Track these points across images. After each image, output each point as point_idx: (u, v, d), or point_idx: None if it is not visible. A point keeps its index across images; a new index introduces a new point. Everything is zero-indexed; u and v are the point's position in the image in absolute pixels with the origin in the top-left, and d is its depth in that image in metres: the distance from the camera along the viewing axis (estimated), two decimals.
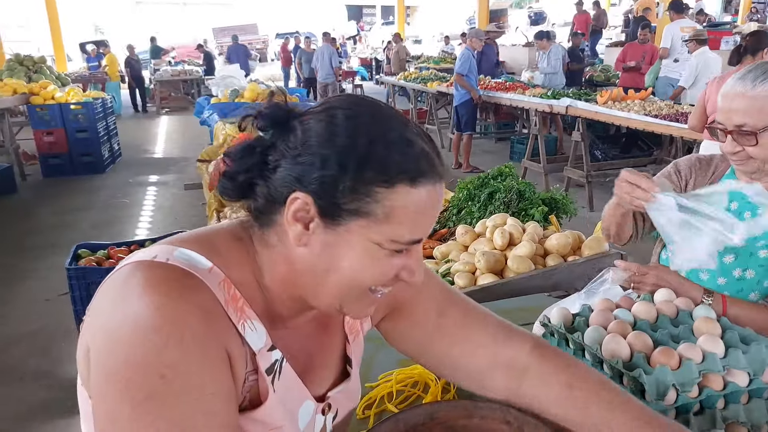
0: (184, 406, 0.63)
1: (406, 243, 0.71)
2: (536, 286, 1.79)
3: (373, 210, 0.68)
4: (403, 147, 0.69)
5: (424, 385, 1.29)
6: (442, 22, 26.83)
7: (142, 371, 0.62)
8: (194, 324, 0.65)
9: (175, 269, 0.68)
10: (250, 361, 0.74)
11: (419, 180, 0.69)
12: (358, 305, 0.77)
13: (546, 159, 6.33)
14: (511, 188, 2.42)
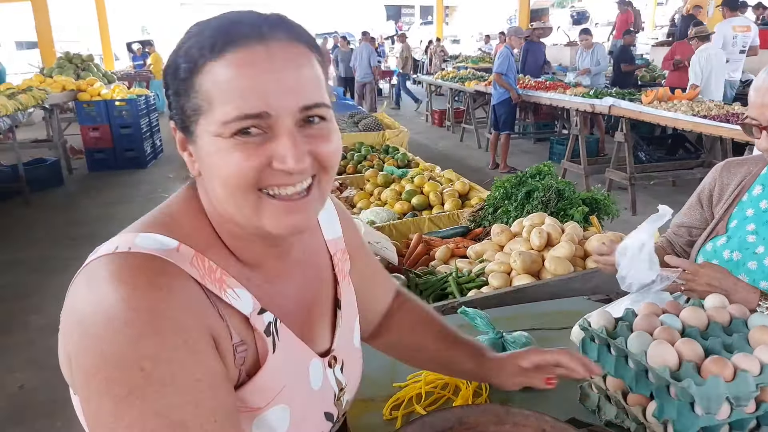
0: (169, 397, 0.60)
1: (235, 120, 0.64)
2: (575, 289, 1.71)
3: (198, 104, 0.66)
4: (204, 29, 0.67)
5: (455, 388, 1.23)
6: (481, 22, 26.56)
7: (120, 366, 0.59)
8: (168, 310, 0.62)
9: (139, 256, 0.64)
10: (240, 330, 0.70)
11: (220, 50, 0.64)
12: (268, 213, 0.68)
13: (587, 160, 6.15)
14: (550, 187, 2.33)
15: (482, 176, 6.86)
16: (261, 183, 0.67)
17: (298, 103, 0.66)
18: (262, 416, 0.72)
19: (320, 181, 0.71)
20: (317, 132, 0.69)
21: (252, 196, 0.67)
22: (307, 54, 0.68)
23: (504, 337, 1.29)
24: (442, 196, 3.11)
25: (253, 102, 0.64)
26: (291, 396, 0.75)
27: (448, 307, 1.64)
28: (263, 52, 0.65)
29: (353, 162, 4.29)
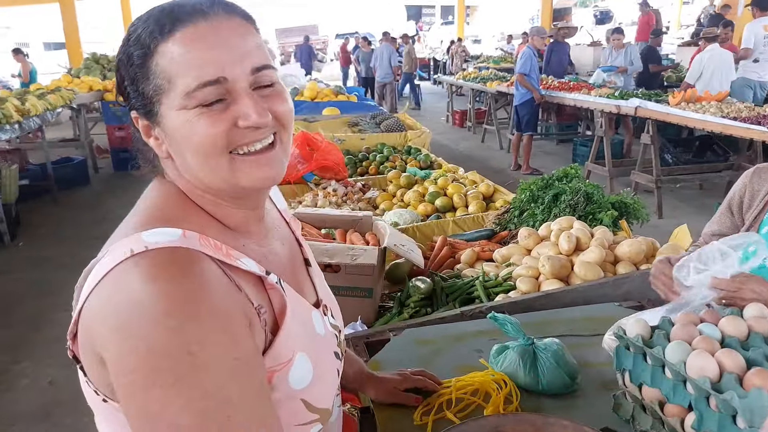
0: (216, 378, 0.63)
1: (197, 88, 0.70)
2: (605, 295, 1.68)
3: (158, 84, 0.71)
4: (146, 18, 0.73)
5: (485, 394, 1.22)
6: (503, 22, 26.38)
7: (167, 356, 0.62)
8: (203, 296, 0.65)
9: (160, 252, 0.67)
10: (255, 294, 0.74)
11: (168, 31, 0.70)
12: (242, 171, 0.75)
13: (612, 162, 6.07)
14: (578, 190, 2.30)
15: (504, 177, 6.81)
16: (231, 145, 0.73)
17: (250, 65, 0.73)
18: (293, 369, 0.77)
19: (281, 137, 0.78)
20: (271, 93, 0.76)
21: (224, 159, 0.73)
22: (245, 24, 0.75)
23: (535, 344, 1.27)
24: (466, 198, 3.09)
25: (209, 70, 0.70)
26: (305, 344, 0.80)
27: (476, 311, 1.63)
28: (208, 26, 0.71)
29: (375, 163, 4.28)
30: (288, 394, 0.77)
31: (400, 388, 1.19)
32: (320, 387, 0.81)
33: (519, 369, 1.24)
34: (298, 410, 0.78)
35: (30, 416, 2.81)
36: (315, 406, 0.80)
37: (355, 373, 1.19)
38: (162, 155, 0.77)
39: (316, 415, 0.81)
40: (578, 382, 1.25)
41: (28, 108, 5.98)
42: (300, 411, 0.78)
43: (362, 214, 2.27)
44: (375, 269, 1.82)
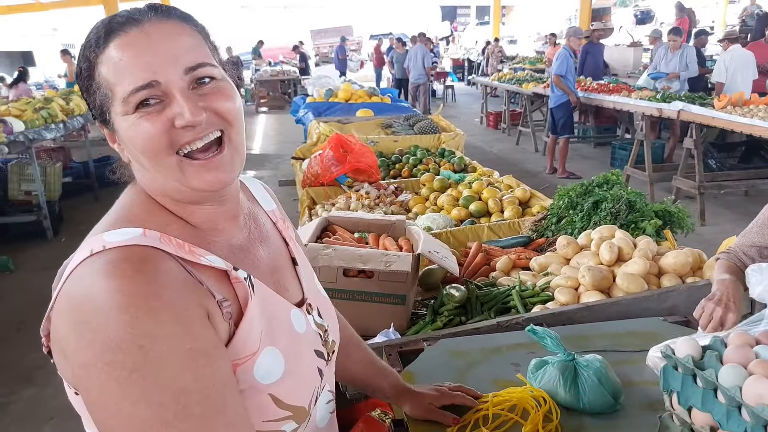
0: (170, 369, 0.65)
1: (132, 93, 0.72)
2: (649, 309, 1.61)
3: (104, 93, 0.75)
4: (89, 33, 0.76)
5: (523, 411, 1.18)
6: (539, 22, 26.01)
7: (120, 349, 0.64)
8: (155, 291, 0.67)
9: (116, 250, 0.69)
10: (219, 288, 0.75)
11: (102, 43, 0.74)
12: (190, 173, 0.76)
13: (652, 167, 5.89)
14: (620, 198, 2.22)
15: (539, 181, 6.70)
16: (174, 145, 0.75)
17: (182, 65, 0.74)
18: (259, 361, 0.77)
19: (229, 135, 0.79)
20: (210, 90, 0.77)
21: (172, 160, 0.75)
22: (180, 25, 0.77)
23: (576, 360, 1.22)
24: (501, 203, 3.04)
25: (141, 75, 0.72)
26: (276, 339, 0.80)
27: (512, 323, 1.58)
28: (139, 32, 0.74)
29: (409, 165, 4.26)
30: (253, 388, 0.77)
31: (437, 405, 1.16)
32: (293, 383, 0.81)
33: (559, 386, 1.19)
34: (265, 405, 0.78)
35: (67, 411, 2.86)
36: (285, 402, 0.80)
37: (391, 386, 1.18)
38: (125, 160, 0.81)
39: (288, 412, 0.80)
40: (621, 401, 1.20)
41: (72, 107, 6.16)
42: (268, 406, 0.78)
43: (395, 218, 2.24)
44: (409, 276, 1.79)
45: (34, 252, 5.14)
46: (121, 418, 0.64)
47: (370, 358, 1.20)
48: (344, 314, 1.83)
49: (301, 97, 7.73)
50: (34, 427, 2.77)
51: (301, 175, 4.05)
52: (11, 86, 10.23)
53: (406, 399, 1.17)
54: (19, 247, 5.18)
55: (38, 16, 19.72)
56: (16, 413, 2.87)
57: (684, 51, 7.33)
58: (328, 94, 6.99)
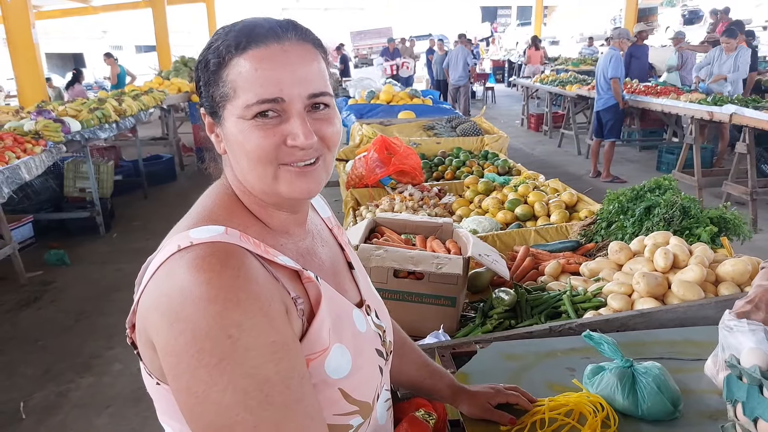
0: (255, 359, 0.69)
1: (257, 103, 0.77)
2: (706, 317, 1.59)
3: (225, 92, 0.79)
4: (227, 31, 0.80)
5: (579, 416, 1.19)
6: (582, 22, 25.54)
7: (210, 338, 0.67)
8: (243, 284, 0.71)
9: (204, 246, 0.74)
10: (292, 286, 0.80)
11: (244, 47, 0.78)
12: (284, 180, 0.81)
13: (701, 171, 5.74)
14: (674, 203, 2.19)
15: (582, 185, 6.60)
16: (278, 159, 0.80)
17: (306, 90, 0.79)
18: (330, 357, 0.81)
19: (324, 158, 0.84)
20: (322, 116, 0.82)
21: (271, 168, 0.80)
22: (313, 51, 0.82)
23: (634, 366, 1.22)
24: (548, 206, 3.02)
25: (270, 89, 0.77)
26: (343, 337, 0.84)
27: (565, 327, 1.58)
28: (279, 49, 0.78)
29: (452, 168, 4.26)
30: (325, 382, 0.80)
31: (493, 403, 1.17)
32: (359, 379, 0.85)
33: (617, 392, 1.19)
34: (336, 399, 0.82)
35: (123, 399, 3.00)
36: (353, 397, 0.83)
37: (447, 387, 1.20)
38: (220, 151, 0.86)
39: (355, 407, 0.84)
40: (680, 409, 1.19)
41: (124, 108, 6.39)
42: (338, 400, 0.82)
43: (442, 220, 2.26)
44: (459, 279, 1.81)
45: (88, 247, 5.36)
46: (207, 405, 0.68)
47: (424, 360, 1.23)
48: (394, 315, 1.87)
49: (343, 98, 7.81)
50: (92, 414, 2.90)
51: (344, 176, 4.11)
52: (67, 88, 10.67)
53: (463, 399, 1.19)
54: (74, 242, 5.41)
55: (88, 19, 20.47)
56: (76, 401, 3.01)
57: (739, 53, 7.07)
58: (370, 96, 7.04)
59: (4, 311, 4.10)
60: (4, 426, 2.84)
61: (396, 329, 1.19)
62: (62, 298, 4.29)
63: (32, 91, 7.13)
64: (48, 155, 4.74)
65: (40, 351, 3.54)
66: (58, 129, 5.00)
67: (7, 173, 4.05)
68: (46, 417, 2.89)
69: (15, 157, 4.31)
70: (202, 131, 0.88)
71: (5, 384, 3.19)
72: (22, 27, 6.89)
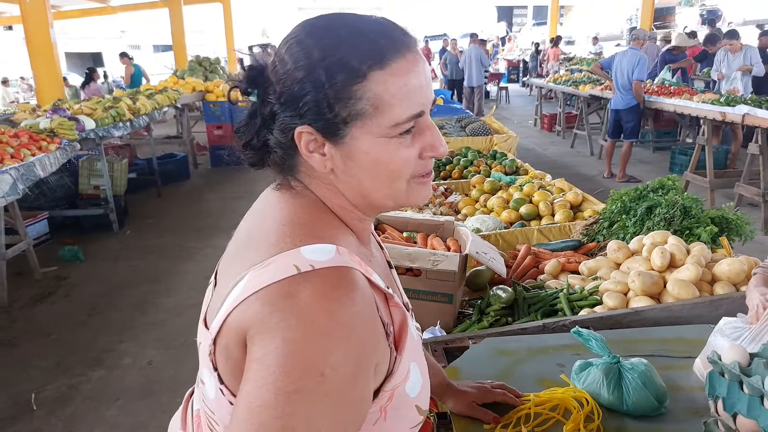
0: (325, 407, 0.64)
1: (406, 121, 0.72)
2: (700, 316, 1.59)
3: (362, 108, 0.71)
4: (356, 38, 0.71)
5: (564, 410, 1.20)
6: (598, 22, 25.33)
7: (303, 367, 0.63)
8: (359, 327, 0.67)
9: (328, 273, 0.68)
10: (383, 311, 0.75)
11: (386, 60, 0.71)
12: (414, 192, 0.79)
13: (713, 173, 5.68)
14: (675, 203, 2.19)
15: (594, 185, 6.56)
16: (414, 172, 0.77)
17: (431, 99, 0.76)
18: (409, 378, 0.78)
19: None
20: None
21: (404, 184, 0.77)
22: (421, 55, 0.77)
23: (621, 363, 1.24)
24: (552, 206, 3.02)
25: (420, 101, 0.73)
26: (414, 355, 0.81)
27: (558, 325, 1.60)
28: (414, 59, 0.73)
29: (459, 167, 4.28)
30: (406, 403, 0.79)
31: (479, 403, 1.19)
32: (425, 391, 0.84)
33: (602, 387, 1.21)
34: (414, 416, 0.81)
35: (132, 393, 3.06)
36: (422, 409, 0.83)
37: (437, 384, 1.21)
38: (321, 170, 0.77)
39: (422, 417, 0.83)
40: (666, 405, 1.20)
41: (138, 107, 6.49)
42: (415, 416, 0.81)
43: (444, 219, 2.29)
44: (456, 276, 1.83)
45: (101, 243, 5.46)
46: (255, 422, 0.63)
47: None
48: None
49: None
50: (102, 407, 2.96)
51: None
52: (83, 86, 10.84)
53: (450, 396, 1.21)
54: (88, 239, 5.51)
55: (106, 19, 20.75)
56: (86, 393, 3.08)
57: (746, 52, 7.02)
58: None
59: (19, 306, 4.19)
60: (16, 416, 2.91)
61: None
62: (75, 294, 4.38)
63: (50, 89, 7.26)
64: (63, 153, 4.84)
65: (53, 344, 3.61)
66: (72, 127, 5.09)
67: (23, 170, 4.14)
68: (57, 409, 2.96)
69: (30, 154, 4.41)
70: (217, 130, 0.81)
71: (19, 376, 3.27)
72: (40, 27, 7.03)
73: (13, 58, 19.05)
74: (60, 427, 2.83)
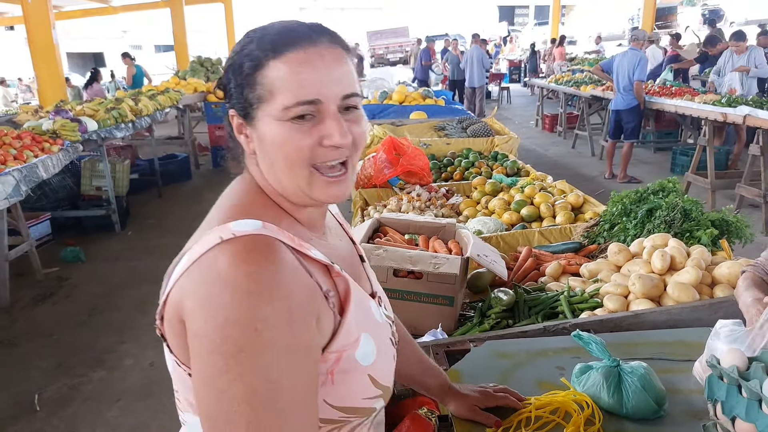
0: (271, 357, 0.70)
1: (295, 105, 0.79)
2: (699, 319, 1.60)
3: (262, 93, 0.80)
4: (264, 34, 0.83)
5: (565, 414, 1.21)
6: (599, 22, 25.32)
7: (239, 327, 0.69)
8: (281, 282, 0.73)
9: (246, 239, 0.75)
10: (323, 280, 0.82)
11: (282, 51, 0.80)
12: (317, 186, 0.84)
13: (714, 173, 5.68)
14: (675, 206, 2.19)
15: (595, 186, 6.57)
16: (313, 159, 0.82)
17: (341, 92, 0.82)
18: (360, 347, 0.85)
19: (351, 159, 0.87)
20: (353, 118, 0.85)
21: (306, 171, 0.82)
22: (343, 54, 0.84)
23: (620, 366, 1.24)
24: (553, 208, 3.03)
25: (309, 90, 0.79)
26: (368, 326, 0.88)
27: (559, 327, 1.60)
28: (315, 52, 0.81)
29: (461, 168, 4.28)
30: (357, 369, 0.84)
31: (481, 407, 1.20)
32: (383, 365, 0.90)
33: (602, 390, 1.21)
34: (366, 385, 0.86)
35: (133, 393, 3.07)
36: (379, 382, 0.88)
37: (438, 386, 1.23)
38: (248, 152, 0.87)
39: (380, 390, 0.89)
40: (665, 408, 1.21)
41: (140, 108, 6.50)
42: (368, 386, 0.86)
43: (446, 221, 2.29)
44: (457, 278, 1.84)
45: (103, 244, 5.47)
46: (215, 391, 0.69)
47: (420, 357, 1.26)
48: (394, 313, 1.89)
49: None
50: (103, 407, 2.97)
51: (354, 176, 4.15)
52: (86, 87, 10.85)
53: (451, 398, 1.22)
54: (89, 239, 5.53)
55: (108, 19, 20.77)
56: (87, 394, 3.09)
57: (751, 53, 7.00)
58: (383, 96, 7.08)
59: (20, 306, 4.21)
60: (19, 417, 2.93)
61: (397, 324, 1.22)
62: (77, 294, 4.39)
63: (52, 90, 7.28)
64: (65, 154, 4.85)
65: (54, 345, 3.63)
66: (75, 128, 5.11)
67: (26, 172, 4.16)
68: (59, 409, 2.97)
69: (33, 155, 4.42)
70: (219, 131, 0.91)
71: (20, 376, 3.28)
72: (42, 27, 7.05)
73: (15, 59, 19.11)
74: (61, 427, 2.84)
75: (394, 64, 19.47)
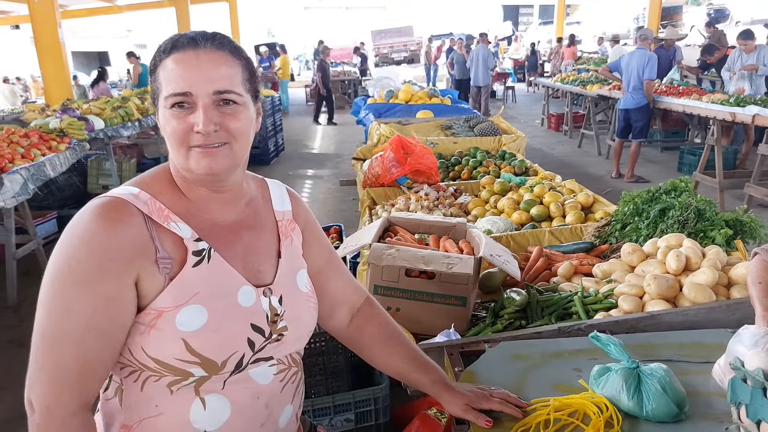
0: (76, 291, 0.90)
1: (170, 96, 0.96)
2: (716, 320, 1.58)
3: (157, 86, 0.99)
4: (167, 40, 1.00)
5: (584, 416, 1.19)
6: (605, 21, 25.24)
7: (60, 260, 0.91)
8: (104, 236, 0.91)
9: (108, 198, 0.96)
10: (169, 248, 0.97)
11: (171, 51, 0.98)
12: (192, 159, 0.98)
13: (723, 173, 5.64)
14: (688, 206, 2.17)
15: (601, 185, 6.54)
16: (188, 142, 0.97)
17: (212, 88, 0.96)
18: (182, 312, 0.96)
19: (231, 146, 1.00)
20: (229, 111, 0.99)
21: (184, 149, 0.98)
22: (226, 57, 0.99)
23: (640, 368, 1.23)
24: (563, 207, 3.01)
25: (181, 84, 0.95)
26: (209, 301, 0.98)
27: (573, 328, 1.59)
28: (193, 54, 0.97)
29: (468, 168, 4.26)
30: (173, 333, 0.95)
31: (474, 406, 1.18)
32: (209, 338, 0.97)
33: (622, 393, 1.20)
34: (178, 347, 0.95)
35: None
36: (197, 351, 0.96)
37: (431, 382, 1.23)
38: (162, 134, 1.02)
39: (197, 359, 0.96)
40: (686, 411, 1.19)
41: (147, 106, 6.50)
42: (180, 349, 0.95)
43: (456, 220, 2.28)
44: (470, 279, 1.83)
45: None
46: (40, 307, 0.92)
47: (413, 354, 1.27)
48: (405, 313, 1.87)
49: (362, 98, 7.85)
50: None
51: (361, 175, 4.14)
52: (92, 86, 10.87)
53: (444, 394, 1.22)
54: None
55: (113, 18, 20.80)
56: None
57: (760, 52, 6.95)
58: (389, 95, 7.06)
59: (27, 305, 4.20)
60: (20, 419, 2.92)
61: (388, 324, 1.31)
62: None
63: (58, 89, 7.29)
64: (72, 153, 4.85)
65: None
66: (82, 127, 5.11)
67: (33, 170, 4.16)
68: None
69: (40, 154, 4.43)
70: None
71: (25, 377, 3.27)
72: (48, 26, 7.06)
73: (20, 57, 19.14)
74: None
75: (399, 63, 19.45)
